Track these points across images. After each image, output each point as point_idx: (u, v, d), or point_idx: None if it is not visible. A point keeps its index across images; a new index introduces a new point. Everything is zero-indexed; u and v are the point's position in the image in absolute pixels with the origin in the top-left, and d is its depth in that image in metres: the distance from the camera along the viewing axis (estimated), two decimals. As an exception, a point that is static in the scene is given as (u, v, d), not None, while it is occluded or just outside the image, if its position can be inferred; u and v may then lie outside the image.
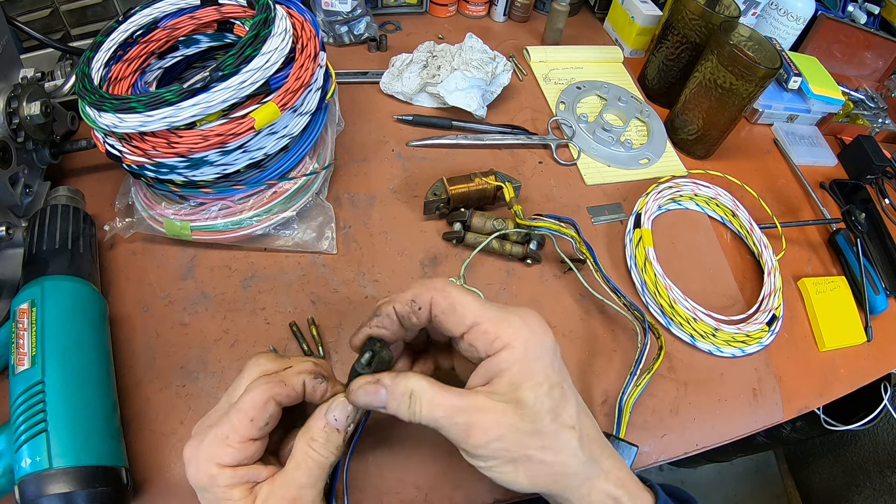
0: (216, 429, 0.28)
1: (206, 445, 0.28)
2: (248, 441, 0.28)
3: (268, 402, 0.28)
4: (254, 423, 0.28)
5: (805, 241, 0.65)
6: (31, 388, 0.33)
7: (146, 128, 0.38)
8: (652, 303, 0.53)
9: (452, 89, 0.62)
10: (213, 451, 0.28)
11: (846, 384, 0.55)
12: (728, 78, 0.59)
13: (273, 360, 0.31)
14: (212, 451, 0.28)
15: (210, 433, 0.28)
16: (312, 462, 0.28)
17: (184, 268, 0.49)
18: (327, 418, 0.29)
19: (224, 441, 0.28)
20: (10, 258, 0.44)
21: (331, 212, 0.53)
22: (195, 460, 0.28)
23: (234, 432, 0.28)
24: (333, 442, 0.29)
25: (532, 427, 0.28)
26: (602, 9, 0.86)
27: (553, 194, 0.61)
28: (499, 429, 0.28)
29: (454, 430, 0.28)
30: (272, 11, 0.43)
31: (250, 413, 0.28)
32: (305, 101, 0.46)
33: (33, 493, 0.31)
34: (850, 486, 1.13)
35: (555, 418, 0.29)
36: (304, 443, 0.28)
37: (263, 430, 0.28)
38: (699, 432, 0.48)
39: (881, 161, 0.70)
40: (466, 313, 0.30)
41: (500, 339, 0.29)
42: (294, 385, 0.29)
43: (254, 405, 0.28)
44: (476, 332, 0.30)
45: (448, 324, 0.30)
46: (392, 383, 0.29)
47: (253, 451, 0.28)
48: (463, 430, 0.28)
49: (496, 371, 0.29)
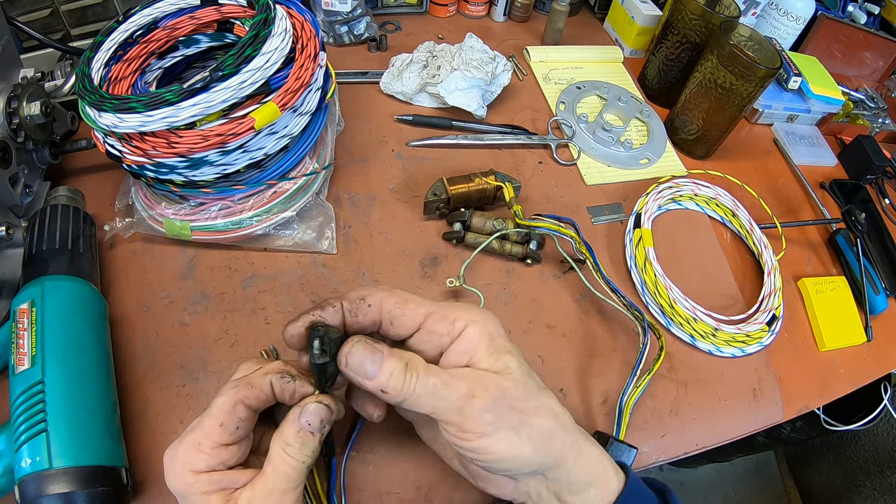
0: (190, 434, 0.28)
1: (181, 452, 0.28)
2: (220, 447, 0.28)
3: (236, 406, 0.28)
4: (224, 427, 0.28)
5: (805, 241, 0.65)
6: (31, 388, 0.33)
7: (146, 128, 0.38)
8: (652, 303, 0.53)
9: (452, 89, 0.62)
10: (187, 457, 0.27)
11: (846, 384, 0.55)
12: (728, 78, 0.59)
13: (255, 364, 0.31)
14: (186, 457, 0.27)
15: (185, 439, 0.28)
16: (288, 467, 0.27)
17: (184, 268, 0.49)
18: (300, 423, 0.28)
19: (197, 447, 0.27)
20: (10, 258, 0.44)
21: (331, 212, 0.53)
22: (171, 467, 0.28)
23: (206, 438, 0.27)
24: (309, 445, 0.28)
25: (523, 391, 0.30)
26: (602, 9, 0.86)
27: (553, 194, 0.61)
28: (498, 391, 0.29)
29: (454, 395, 0.28)
30: (272, 11, 0.43)
31: (219, 418, 0.28)
32: (305, 101, 0.46)
33: (33, 493, 0.31)
34: (850, 486, 1.13)
35: (537, 383, 0.31)
36: (279, 447, 0.28)
37: (235, 434, 0.28)
38: (699, 432, 0.48)
39: (881, 161, 0.70)
40: (418, 307, 0.31)
41: (461, 320, 0.30)
42: (261, 386, 0.29)
43: (222, 410, 0.28)
44: (433, 319, 0.31)
45: (402, 318, 0.31)
46: (389, 350, 0.29)
47: (227, 456, 0.28)
48: (465, 394, 0.28)
49: (471, 348, 0.30)
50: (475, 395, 0.28)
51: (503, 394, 0.29)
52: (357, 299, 0.30)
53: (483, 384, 0.29)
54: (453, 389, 0.28)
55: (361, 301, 0.30)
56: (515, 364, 0.30)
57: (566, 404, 0.46)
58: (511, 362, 0.30)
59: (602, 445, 0.41)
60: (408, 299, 0.31)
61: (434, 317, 0.31)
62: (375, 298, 0.31)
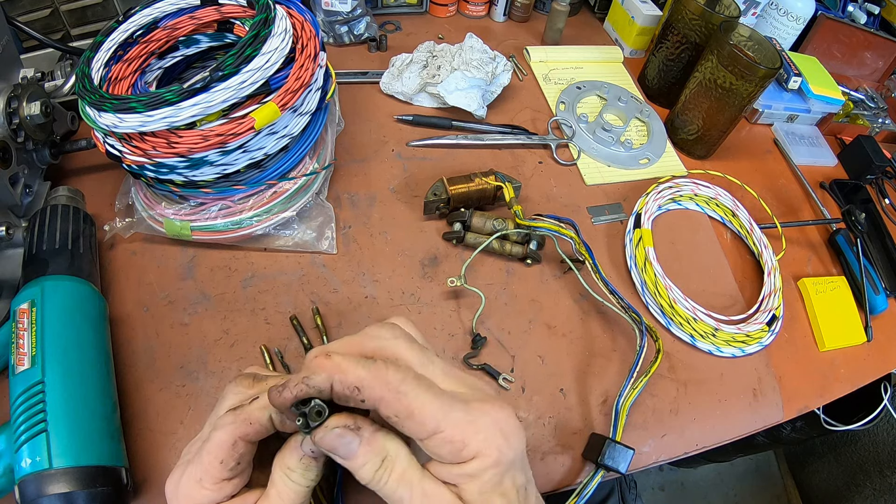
0: (191, 468, 0.27)
1: (182, 485, 0.27)
2: (221, 482, 0.27)
3: (235, 444, 0.27)
4: (224, 464, 0.27)
5: (805, 241, 0.65)
6: (31, 388, 0.33)
7: (146, 128, 0.39)
8: (652, 303, 0.53)
9: (452, 89, 0.62)
10: (188, 492, 0.27)
11: (846, 384, 0.55)
12: (728, 78, 0.59)
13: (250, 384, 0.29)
14: (188, 492, 0.27)
15: (187, 472, 0.27)
16: (292, 492, 0.27)
17: (184, 268, 0.49)
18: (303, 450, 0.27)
19: (199, 484, 0.27)
20: (10, 258, 0.44)
21: (331, 212, 0.53)
22: (175, 500, 0.27)
23: (207, 475, 0.27)
24: (312, 470, 0.27)
25: None
26: (602, 9, 0.86)
27: (553, 194, 0.61)
28: None
29: None
30: (272, 11, 0.43)
31: (219, 456, 0.27)
32: (305, 101, 0.46)
33: (33, 493, 0.31)
34: (850, 486, 1.13)
35: None
36: (281, 472, 0.27)
37: (236, 469, 0.27)
38: (699, 432, 0.48)
39: (881, 161, 0.70)
40: (426, 420, 0.25)
41: (469, 449, 0.25)
42: (260, 421, 0.27)
43: (221, 448, 0.27)
44: (439, 439, 0.25)
45: (404, 429, 0.26)
46: (370, 437, 0.25)
47: (231, 489, 0.27)
48: None
49: (466, 477, 0.26)
50: None
51: None
52: (351, 387, 0.25)
53: None
54: None
55: (356, 391, 0.25)
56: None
57: (566, 404, 0.46)
58: None
59: (599, 447, 0.42)
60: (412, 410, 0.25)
61: (440, 438, 0.25)
62: (373, 395, 0.25)
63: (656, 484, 1.37)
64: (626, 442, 0.42)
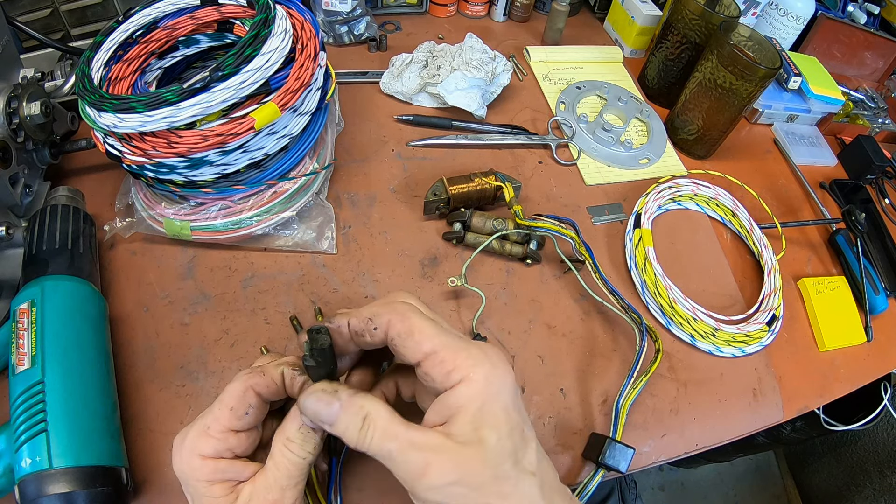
0: (200, 420, 0.29)
1: (189, 436, 0.28)
2: (228, 431, 0.28)
3: (246, 391, 0.28)
4: (233, 412, 0.28)
5: (805, 241, 0.65)
6: (31, 388, 0.33)
7: (146, 128, 0.39)
8: (652, 303, 0.53)
9: (452, 89, 0.62)
10: (195, 441, 0.28)
11: (846, 384, 0.55)
12: (728, 78, 0.59)
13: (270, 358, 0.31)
14: (194, 441, 0.28)
15: (196, 423, 0.29)
16: (289, 463, 0.28)
17: (184, 268, 0.49)
18: (303, 418, 0.28)
19: (206, 431, 0.28)
20: (10, 258, 0.44)
21: (331, 212, 0.53)
22: (179, 451, 0.28)
23: (215, 422, 0.28)
24: (311, 442, 0.28)
25: (493, 472, 0.26)
26: (602, 9, 0.86)
27: (553, 194, 0.61)
28: (457, 472, 0.25)
29: (406, 466, 0.26)
30: (272, 11, 0.43)
31: (230, 402, 0.28)
32: (305, 101, 0.46)
33: (33, 493, 0.31)
34: (850, 486, 1.13)
35: (515, 463, 0.27)
36: (280, 444, 0.28)
37: (244, 420, 0.28)
38: (699, 432, 0.48)
39: (881, 161, 0.70)
40: (423, 340, 0.28)
41: (458, 371, 0.27)
42: (273, 375, 0.29)
43: (233, 395, 0.28)
44: (433, 360, 0.27)
45: (403, 349, 0.28)
46: (348, 399, 0.27)
47: (235, 443, 0.28)
48: (417, 469, 0.25)
49: (454, 408, 0.27)
50: (425, 474, 0.25)
51: (468, 473, 0.25)
52: (365, 319, 0.29)
53: (442, 459, 0.25)
54: (405, 461, 0.26)
55: (369, 321, 0.29)
56: (494, 439, 0.26)
57: (566, 404, 0.46)
58: (490, 437, 0.26)
59: (599, 446, 0.42)
60: (413, 330, 0.28)
61: (433, 359, 0.27)
62: (383, 320, 0.28)
63: (656, 484, 1.37)
64: (626, 442, 0.42)
